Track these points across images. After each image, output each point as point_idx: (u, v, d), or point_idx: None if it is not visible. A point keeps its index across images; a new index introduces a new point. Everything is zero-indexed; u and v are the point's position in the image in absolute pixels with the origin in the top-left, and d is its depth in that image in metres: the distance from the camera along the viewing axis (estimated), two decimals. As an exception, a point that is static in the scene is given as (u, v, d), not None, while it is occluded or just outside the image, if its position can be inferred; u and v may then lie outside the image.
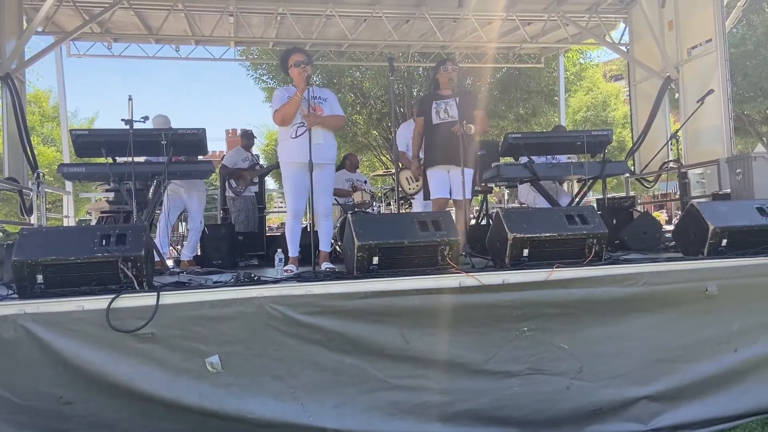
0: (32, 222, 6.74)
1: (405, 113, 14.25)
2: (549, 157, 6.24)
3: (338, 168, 7.92)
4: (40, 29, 8.10)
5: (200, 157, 5.33)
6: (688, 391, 3.65)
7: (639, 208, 7.66)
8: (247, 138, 7.94)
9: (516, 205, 8.15)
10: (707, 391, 3.67)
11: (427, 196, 5.20)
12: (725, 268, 3.83)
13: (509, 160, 6.38)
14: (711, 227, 4.02)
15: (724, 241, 4.04)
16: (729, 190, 6.13)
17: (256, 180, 7.68)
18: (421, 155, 5.23)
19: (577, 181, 6.03)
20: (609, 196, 7.56)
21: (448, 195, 5.02)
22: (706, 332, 3.73)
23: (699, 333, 3.72)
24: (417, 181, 6.06)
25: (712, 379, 3.68)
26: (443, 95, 5.07)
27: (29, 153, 7.01)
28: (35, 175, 6.65)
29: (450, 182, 5.00)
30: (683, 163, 7.28)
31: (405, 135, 6.05)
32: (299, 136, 4.50)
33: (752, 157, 5.89)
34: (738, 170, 5.99)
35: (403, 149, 6.01)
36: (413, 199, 6.37)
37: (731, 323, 3.76)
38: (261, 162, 8.17)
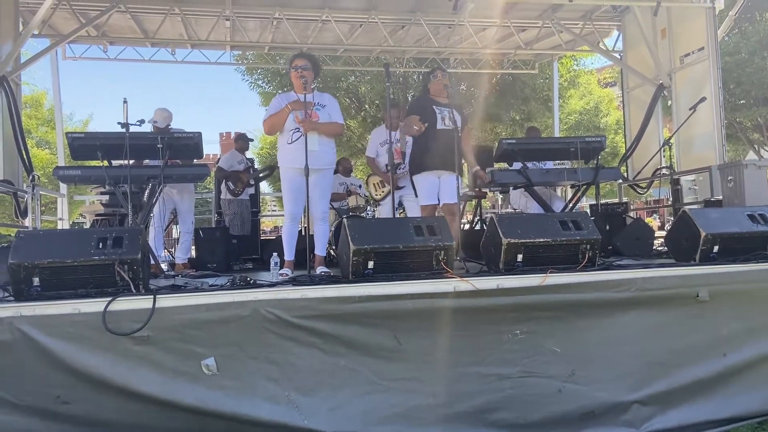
0: (27, 224, 6.73)
1: (402, 119, 14.28)
2: (535, 162, 6.27)
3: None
4: (36, 32, 8.08)
5: (195, 161, 5.35)
6: (678, 395, 3.69)
7: (632, 214, 7.72)
8: (242, 141, 7.96)
9: (510, 210, 8.19)
10: (697, 395, 3.71)
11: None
12: (716, 274, 3.88)
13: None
14: (703, 234, 4.07)
15: (716, 248, 4.09)
16: (720, 197, 6.19)
17: (252, 182, 7.70)
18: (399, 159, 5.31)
19: (571, 187, 6.07)
20: (602, 202, 7.62)
21: (437, 201, 5.05)
22: (696, 337, 3.77)
23: (689, 338, 3.76)
24: (384, 186, 6.10)
25: (702, 383, 3.72)
26: (441, 102, 5.10)
27: (24, 155, 7.01)
28: (30, 177, 6.65)
29: (439, 188, 5.02)
30: (675, 169, 7.34)
31: (375, 140, 6.10)
32: (294, 141, 4.53)
33: (743, 164, 5.95)
34: (729, 177, 6.05)
35: (372, 155, 6.06)
36: (380, 205, 6.39)
37: (721, 328, 3.81)
38: (256, 165, 8.19)
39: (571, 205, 5.70)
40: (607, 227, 6.19)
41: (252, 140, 8.47)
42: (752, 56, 14.73)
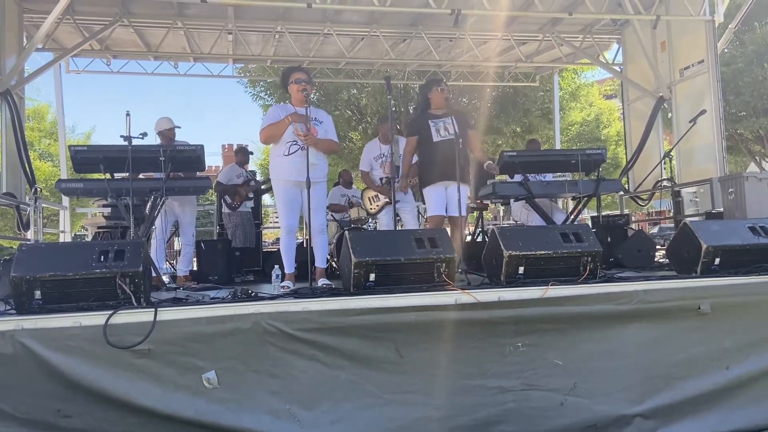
0: (29, 237, 6.75)
1: (402, 131, 14.32)
2: (536, 174, 6.27)
3: (333, 185, 7.97)
4: (40, 46, 8.14)
5: (198, 173, 5.37)
6: (681, 409, 3.67)
7: (633, 225, 7.72)
8: (243, 154, 7.98)
9: (511, 222, 8.20)
10: (700, 409, 3.68)
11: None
12: (718, 286, 3.86)
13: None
14: (704, 246, 4.06)
15: (717, 260, 4.08)
16: (722, 209, 6.19)
17: (251, 195, 7.71)
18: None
19: (572, 199, 6.07)
20: (603, 213, 7.62)
21: (444, 212, 5.07)
22: (698, 350, 3.75)
23: (691, 350, 3.74)
24: (378, 200, 6.10)
25: (705, 396, 3.70)
26: (438, 114, 5.14)
27: (27, 168, 7.04)
28: (33, 190, 6.67)
29: (446, 199, 5.05)
30: (676, 181, 7.35)
31: (368, 155, 6.12)
32: (291, 154, 4.55)
33: (744, 176, 5.95)
34: (730, 189, 6.05)
35: (366, 169, 6.08)
36: (376, 219, 6.38)
37: (723, 341, 3.79)
38: (257, 177, 8.20)
39: (572, 217, 5.71)
40: (609, 239, 6.19)
41: (252, 153, 8.50)
42: (749, 66, 14.74)
